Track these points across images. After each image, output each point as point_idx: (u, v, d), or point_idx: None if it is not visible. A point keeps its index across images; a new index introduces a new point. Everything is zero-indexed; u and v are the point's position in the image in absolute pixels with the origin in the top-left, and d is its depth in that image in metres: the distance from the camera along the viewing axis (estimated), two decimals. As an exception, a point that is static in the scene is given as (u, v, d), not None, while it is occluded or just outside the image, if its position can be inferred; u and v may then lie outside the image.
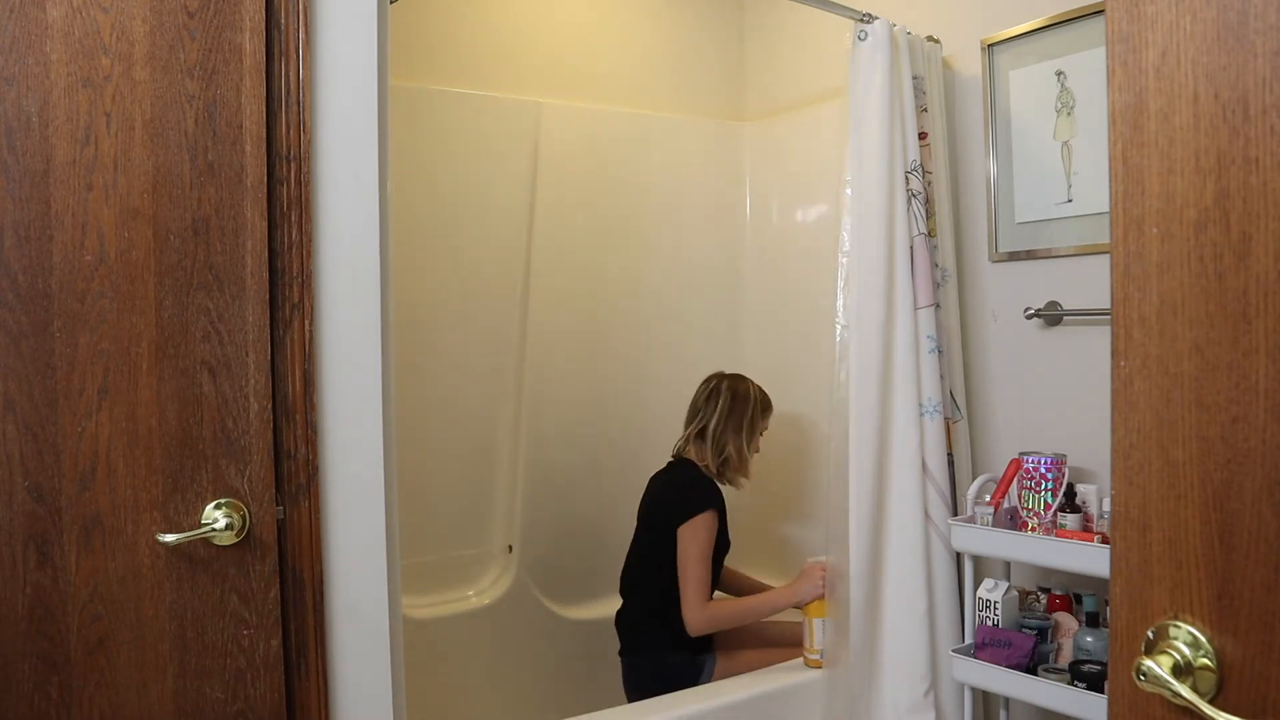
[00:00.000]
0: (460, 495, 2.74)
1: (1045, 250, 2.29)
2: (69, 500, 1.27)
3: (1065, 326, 2.26)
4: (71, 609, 1.28)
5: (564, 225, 2.87)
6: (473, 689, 2.63)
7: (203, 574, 1.37)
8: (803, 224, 3.05)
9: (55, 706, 1.27)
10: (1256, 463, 0.70)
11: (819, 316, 2.77)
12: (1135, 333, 0.78)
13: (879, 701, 2.17)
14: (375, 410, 1.52)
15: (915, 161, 2.23)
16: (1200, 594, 0.73)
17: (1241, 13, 0.70)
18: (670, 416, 3.05)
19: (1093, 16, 2.15)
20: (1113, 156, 0.79)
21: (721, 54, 3.24)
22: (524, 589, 2.76)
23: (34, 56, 1.24)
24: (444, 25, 2.69)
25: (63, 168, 1.26)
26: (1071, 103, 2.22)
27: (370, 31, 1.50)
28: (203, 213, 1.36)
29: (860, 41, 2.22)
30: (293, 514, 1.44)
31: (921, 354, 2.21)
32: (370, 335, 1.52)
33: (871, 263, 2.17)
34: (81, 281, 1.28)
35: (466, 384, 2.74)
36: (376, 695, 1.52)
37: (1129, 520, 0.79)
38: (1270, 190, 0.69)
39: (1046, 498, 1.98)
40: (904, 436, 2.18)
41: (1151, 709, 0.76)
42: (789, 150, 3.09)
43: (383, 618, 1.53)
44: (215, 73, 1.37)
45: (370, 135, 1.51)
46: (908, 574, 2.17)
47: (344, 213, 1.49)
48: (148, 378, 1.33)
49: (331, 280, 1.48)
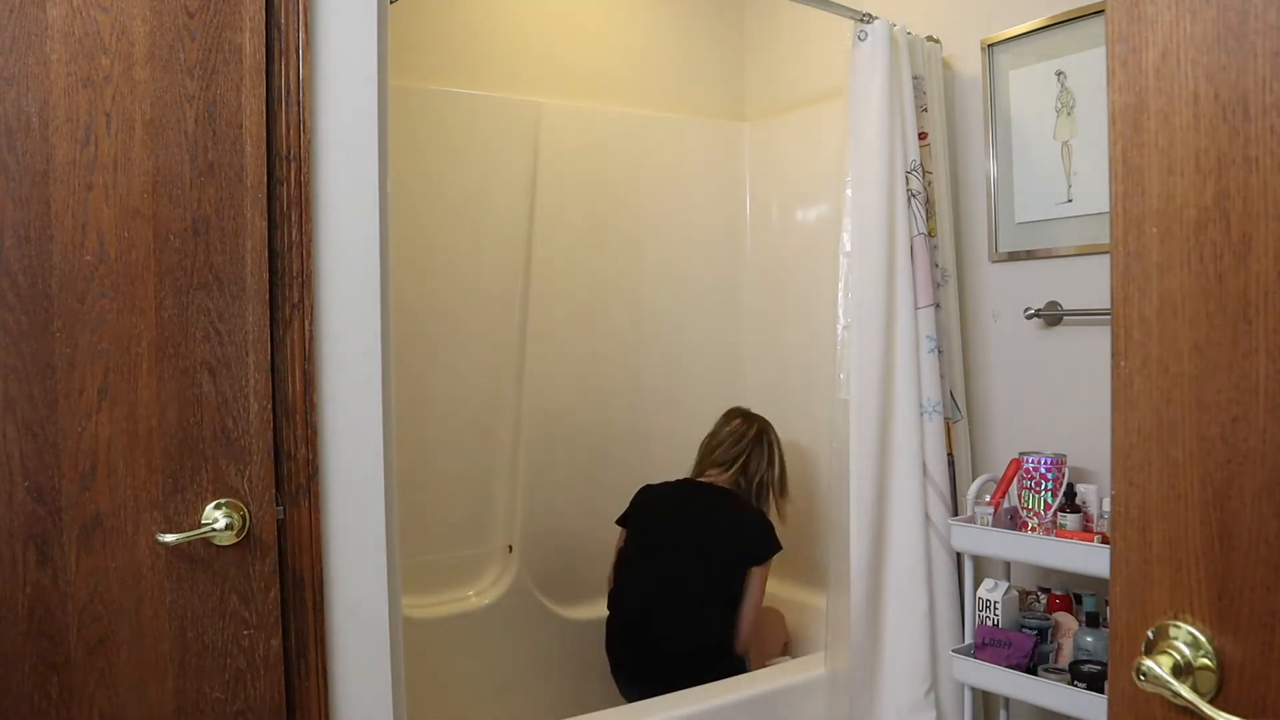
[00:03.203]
0: (460, 495, 2.74)
1: (1045, 250, 2.29)
2: (69, 500, 1.27)
3: (1065, 326, 2.26)
4: (71, 609, 1.28)
5: (564, 225, 2.87)
6: (473, 689, 2.63)
7: (203, 574, 1.37)
8: (803, 224, 3.05)
9: (55, 706, 1.27)
10: (1256, 463, 0.70)
11: (819, 317, 2.78)
12: (1135, 333, 0.78)
13: (879, 701, 2.17)
14: (375, 410, 1.52)
15: (915, 161, 2.23)
16: (1200, 594, 0.73)
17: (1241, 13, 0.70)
18: (669, 416, 3.07)
19: (1093, 16, 2.15)
20: (1113, 156, 0.79)
21: (721, 54, 3.24)
22: (524, 589, 2.76)
23: (34, 56, 1.24)
24: (444, 25, 2.69)
25: (63, 168, 1.26)
26: (1071, 103, 2.22)
27: (370, 31, 1.50)
28: (203, 213, 1.36)
29: (860, 41, 2.22)
30: (293, 514, 1.44)
31: (921, 354, 2.21)
32: (370, 335, 1.52)
33: (871, 263, 2.17)
34: (81, 281, 1.28)
35: (466, 383, 2.74)
36: (376, 695, 1.52)
37: (1129, 520, 0.79)
38: (1270, 190, 0.69)
39: (1046, 498, 1.98)
40: (904, 437, 2.18)
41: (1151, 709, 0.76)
42: (789, 150, 3.09)
43: (383, 618, 1.53)
44: (215, 73, 1.37)
45: (370, 135, 1.51)
46: (908, 573, 2.17)
47: (344, 213, 1.49)
48: (148, 378, 1.33)
49: (331, 280, 1.48)
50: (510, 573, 2.76)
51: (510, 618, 2.72)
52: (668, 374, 3.07)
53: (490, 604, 2.71)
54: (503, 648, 2.69)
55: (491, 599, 2.72)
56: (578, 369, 2.90)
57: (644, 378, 3.03)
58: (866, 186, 2.19)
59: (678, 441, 3.05)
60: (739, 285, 3.24)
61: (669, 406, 3.07)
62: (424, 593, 2.63)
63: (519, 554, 2.77)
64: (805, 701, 2.21)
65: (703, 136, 3.17)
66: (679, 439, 3.06)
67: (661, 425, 3.05)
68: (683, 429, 3.08)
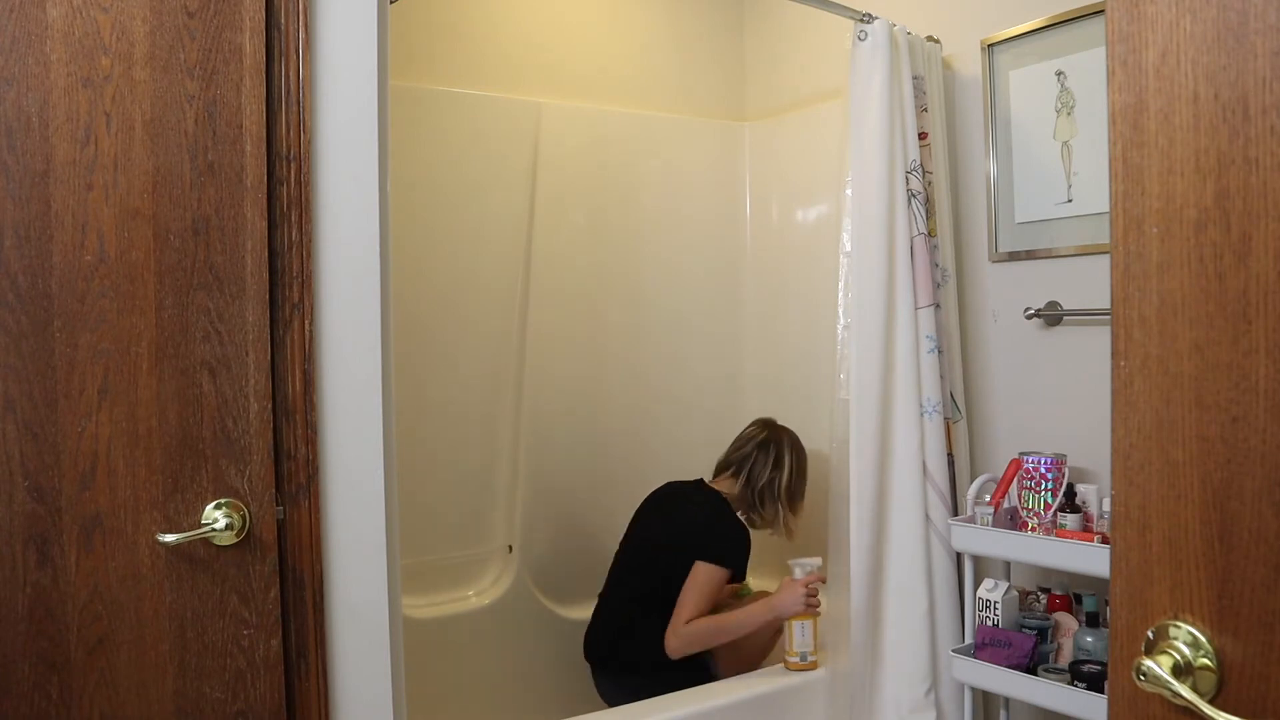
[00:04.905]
0: (460, 495, 2.74)
1: (1045, 250, 2.29)
2: (69, 500, 1.27)
3: (1065, 326, 2.26)
4: (71, 609, 1.28)
5: (564, 225, 2.87)
6: (473, 689, 2.63)
7: (203, 574, 1.37)
8: (803, 224, 3.05)
9: (55, 706, 1.27)
10: (1256, 463, 0.70)
11: (819, 317, 2.77)
12: (1135, 333, 0.78)
13: (879, 701, 2.17)
14: (375, 410, 1.52)
15: (915, 161, 2.23)
16: (1200, 594, 0.73)
17: (1241, 13, 0.70)
18: (670, 416, 3.07)
19: (1093, 16, 2.15)
20: (1113, 156, 0.79)
21: (721, 54, 3.24)
22: (524, 589, 2.76)
23: (34, 56, 1.24)
24: (444, 25, 2.69)
25: (63, 168, 1.26)
26: (1071, 103, 2.22)
27: (370, 31, 1.50)
28: (203, 213, 1.36)
29: (860, 41, 2.22)
30: (293, 514, 1.44)
31: (921, 354, 2.21)
32: (370, 335, 1.51)
33: (871, 263, 2.17)
34: (81, 281, 1.28)
35: (466, 383, 2.74)
36: (376, 695, 1.52)
37: (1129, 520, 0.79)
38: (1270, 190, 0.69)
39: (1046, 498, 1.98)
40: (904, 436, 2.18)
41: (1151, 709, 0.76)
42: (789, 150, 3.09)
43: (383, 618, 1.53)
44: (215, 73, 1.37)
45: (370, 135, 1.51)
46: (908, 574, 2.18)
47: (344, 213, 1.49)
48: (148, 378, 1.33)
49: (331, 280, 1.48)
50: (510, 573, 2.76)
51: (510, 618, 2.72)
52: (667, 374, 3.07)
53: (490, 604, 2.71)
54: (503, 648, 2.69)
55: (491, 599, 2.72)
56: (578, 369, 2.90)
57: (644, 377, 3.03)
58: (866, 186, 2.19)
59: (678, 441, 3.07)
60: (739, 285, 3.23)
61: (669, 406, 3.07)
62: (424, 593, 2.63)
63: (519, 554, 2.77)
64: (805, 701, 2.21)
65: (703, 136, 3.17)
66: (679, 438, 3.07)
67: (662, 425, 3.05)
68: (683, 428, 3.09)
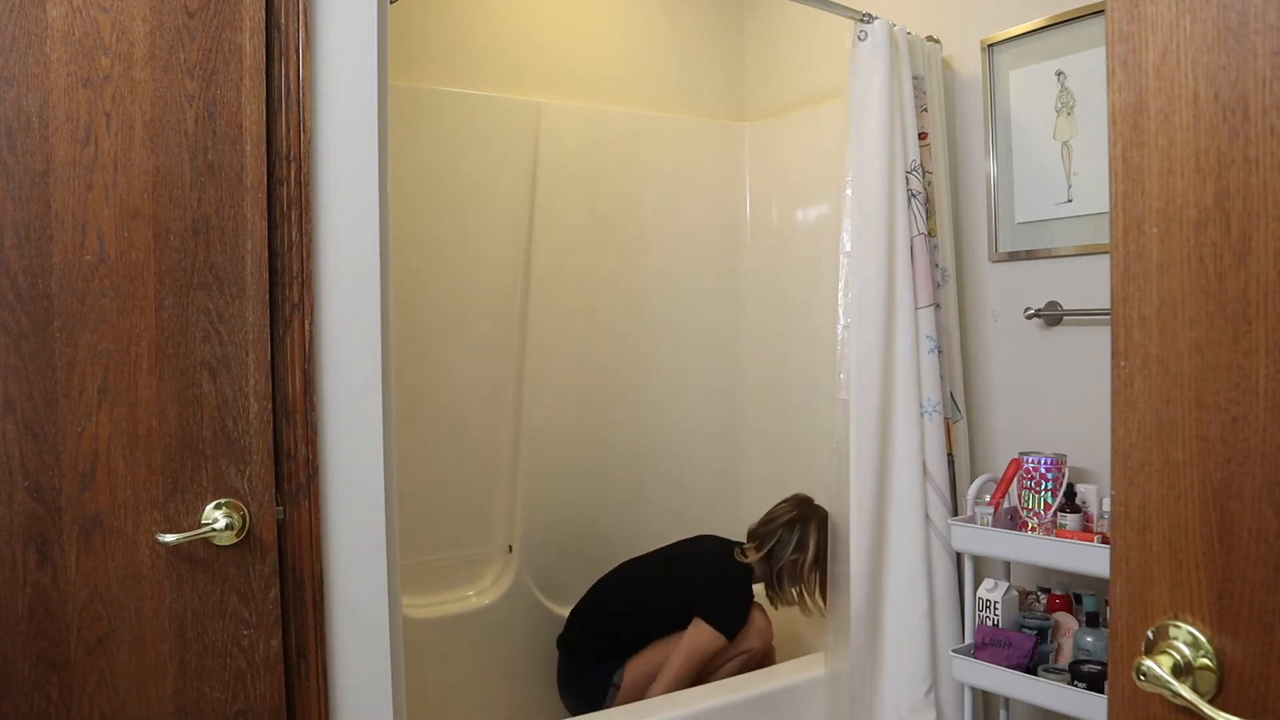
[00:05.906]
0: (460, 495, 2.74)
1: (1045, 250, 2.29)
2: (69, 500, 1.27)
3: (1065, 326, 2.26)
4: (71, 609, 1.28)
5: (564, 225, 2.87)
6: (473, 689, 2.63)
7: (203, 574, 1.37)
8: (803, 224, 3.05)
9: (55, 706, 1.27)
10: (1256, 463, 0.70)
11: (819, 317, 2.78)
12: (1135, 333, 0.78)
13: (879, 701, 2.17)
14: (375, 410, 1.52)
15: (915, 161, 2.23)
16: (1200, 594, 0.73)
17: (1241, 13, 0.70)
18: (669, 415, 3.07)
19: (1093, 16, 2.15)
20: (1113, 156, 0.79)
21: (721, 54, 3.24)
22: (524, 589, 2.76)
23: (34, 56, 1.24)
24: (444, 25, 2.69)
25: (63, 168, 1.26)
26: (1071, 103, 2.22)
27: (370, 32, 1.50)
28: (203, 213, 1.36)
29: (860, 41, 2.22)
30: (293, 514, 1.44)
31: (921, 354, 2.21)
32: (370, 335, 1.51)
33: (871, 263, 2.17)
34: (81, 281, 1.28)
35: (466, 383, 2.74)
36: (376, 695, 1.52)
37: (1129, 520, 0.79)
38: (1270, 190, 0.69)
39: (1046, 498, 1.98)
40: (904, 436, 2.18)
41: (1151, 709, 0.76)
42: (789, 150, 3.09)
43: (383, 618, 1.53)
44: (215, 73, 1.37)
45: (370, 135, 1.51)
46: (908, 573, 2.17)
47: (344, 213, 1.49)
48: (148, 378, 1.33)
49: (331, 280, 1.48)
50: (510, 573, 2.76)
51: (510, 618, 2.72)
52: (667, 373, 3.07)
53: (490, 604, 2.71)
54: (503, 648, 2.69)
55: (491, 599, 2.72)
56: (577, 368, 2.90)
57: (644, 377, 3.03)
58: (866, 186, 2.19)
59: (678, 439, 3.07)
60: (739, 285, 3.24)
61: (669, 405, 3.07)
62: (424, 593, 2.63)
63: (519, 554, 2.77)
64: (805, 701, 2.21)
65: (703, 136, 3.17)
66: (679, 438, 3.08)
67: (661, 424, 3.05)
68: (682, 428, 3.09)
